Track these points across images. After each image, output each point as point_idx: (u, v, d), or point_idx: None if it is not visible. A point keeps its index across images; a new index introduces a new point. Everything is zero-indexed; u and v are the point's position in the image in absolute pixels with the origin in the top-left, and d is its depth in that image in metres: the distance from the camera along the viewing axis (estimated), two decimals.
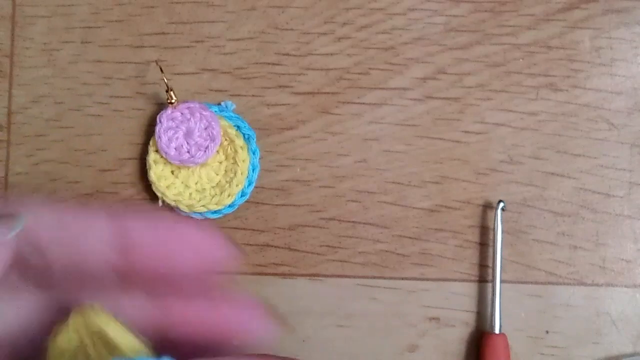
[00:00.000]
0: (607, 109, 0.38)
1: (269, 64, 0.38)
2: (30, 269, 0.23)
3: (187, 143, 0.36)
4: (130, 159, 0.38)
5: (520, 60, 0.38)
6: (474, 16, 0.38)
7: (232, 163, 0.37)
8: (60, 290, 0.23)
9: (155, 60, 0.38)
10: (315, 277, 0.37)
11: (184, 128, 0.36)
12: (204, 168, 0.37)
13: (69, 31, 0.39)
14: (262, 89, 0.38)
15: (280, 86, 0.38)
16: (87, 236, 0.23)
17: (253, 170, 0.37)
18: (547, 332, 0.37)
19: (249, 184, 0.37)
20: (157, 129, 0.36)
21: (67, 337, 0.23)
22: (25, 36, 0.39)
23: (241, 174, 0.37)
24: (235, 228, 0.38)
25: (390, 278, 0.37)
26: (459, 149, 0.38)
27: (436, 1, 0.38)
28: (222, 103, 0.38)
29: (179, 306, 0.24)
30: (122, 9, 0.39)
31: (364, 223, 0.38)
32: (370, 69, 0.38)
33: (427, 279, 0.37)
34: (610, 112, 0.38)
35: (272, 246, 0.38)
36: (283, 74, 0.38)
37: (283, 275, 0.37)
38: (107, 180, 0.38)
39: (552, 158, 0.37)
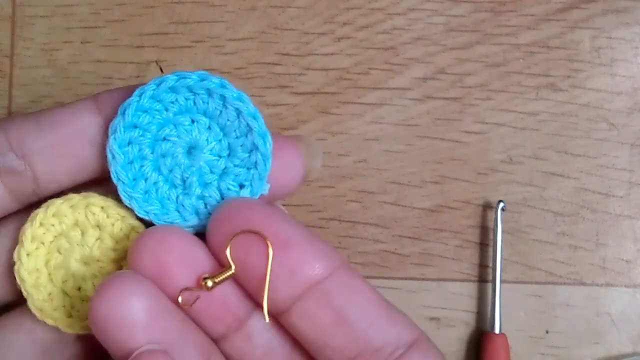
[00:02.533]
0: (607, 109, 0.38)
1: (269, 64, 0.38)
2: (18, 182, 0.21)
3: None
4: None
5: (520, 60, 0.38)
6: (474, 16, 0.38)
7: None
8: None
9: (155, 60, 0.38)
10: None
11: None
12: None
13: (69, 31, 0.39)
14: (262, 89, 0.38)
15: (280, 86, 0.38)
16: (76, 137, 0.20)
17: None
18: (547, 332, 0.37)
19: None
20: None
21: (45, 224, 0.21)
22: (25, 36, 0.39)
23: None
24: None
25: (390, 278, 0.37)
26: (459, 149, 0.38)
27: (436, 1, 0.38)
28: None
29: None
30: (122, 9, 0.39)
31: (364, 223, 0.38)
32: (370, 69, 0.38)
33: (427, 279, 0.37)
34: (610, 112, 0.38)
35: None
36: (283, 74, 0.38)
37: None
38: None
39: (552, 158, 0.37)
